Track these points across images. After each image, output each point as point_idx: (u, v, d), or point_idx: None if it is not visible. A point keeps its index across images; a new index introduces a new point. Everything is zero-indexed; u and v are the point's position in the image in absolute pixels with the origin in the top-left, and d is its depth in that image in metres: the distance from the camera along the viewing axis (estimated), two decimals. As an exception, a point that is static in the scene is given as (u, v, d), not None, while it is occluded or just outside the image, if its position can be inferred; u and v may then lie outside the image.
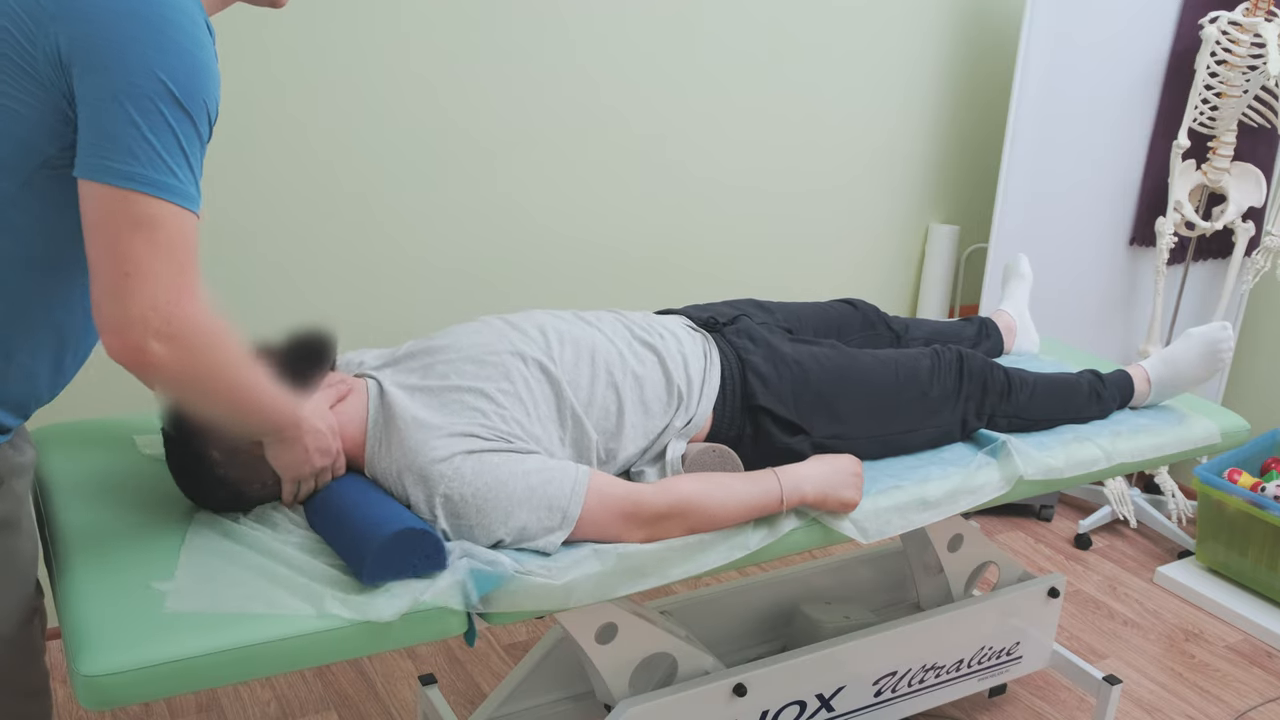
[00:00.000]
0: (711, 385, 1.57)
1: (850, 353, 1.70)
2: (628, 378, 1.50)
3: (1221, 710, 2.24)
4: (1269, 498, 2.53)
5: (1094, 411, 1.88)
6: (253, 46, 2.10)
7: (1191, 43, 2.74)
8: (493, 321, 1.54)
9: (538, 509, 1.31)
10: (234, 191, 2.16)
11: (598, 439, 1.46)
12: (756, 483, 1.44)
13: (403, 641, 1.20)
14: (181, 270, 0.99)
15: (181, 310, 1.00)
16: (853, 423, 1.63)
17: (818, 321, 1.89)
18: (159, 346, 1.00)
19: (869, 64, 2.87)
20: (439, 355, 1.45)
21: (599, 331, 1.55)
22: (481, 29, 2.32)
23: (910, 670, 1.87)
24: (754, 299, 1.87)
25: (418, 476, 1.32)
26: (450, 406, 1.37)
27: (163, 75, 0.97)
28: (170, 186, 0.99)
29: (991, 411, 1.76)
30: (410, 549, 1.22)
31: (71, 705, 2.04)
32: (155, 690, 1.08)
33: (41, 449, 1.49)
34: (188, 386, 1.07)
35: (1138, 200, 2.90)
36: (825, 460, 1.52)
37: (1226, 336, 1.91)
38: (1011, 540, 2.91)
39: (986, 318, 2.16)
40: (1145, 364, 1.97)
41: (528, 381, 1.43)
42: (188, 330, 1.01)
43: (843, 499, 1.49)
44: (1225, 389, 3.08)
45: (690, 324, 1.68)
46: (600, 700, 1.66)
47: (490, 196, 2.44)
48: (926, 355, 1.74)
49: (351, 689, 2.14)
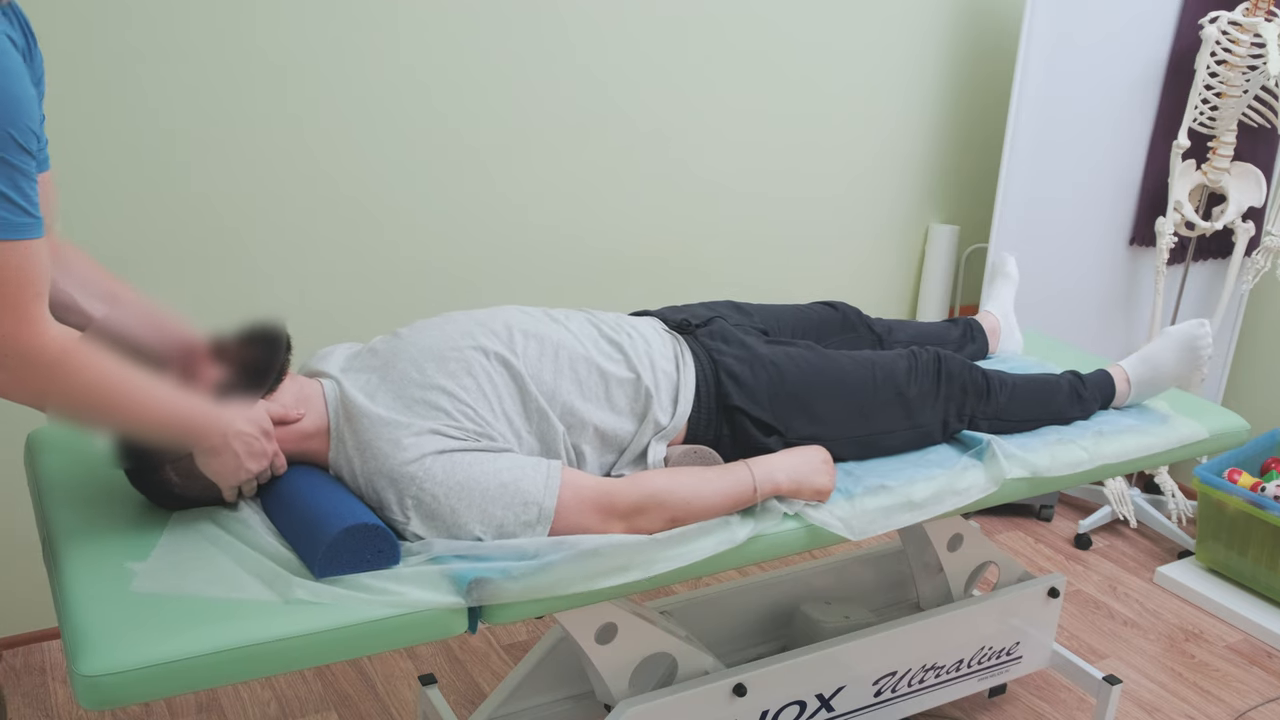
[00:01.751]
0: (687, 387, 1.57)
1: (827, 354, 1.70)
2: (593, 374, 1.50)
3: (1221, 710, 2.24)
4: (1269, 498, 2.53)
5: (1075, 412, 1.88)
6: (248, 45, 2.10)
7: (1191, 43, 2.74)
8: (457, 317, 1.53)
9: (512, 505, 1.31)
10: (229, 190, 2.16)
11: (565, 431, 1.46)
12: (729, 472, 1.46)
13: (403, 641, 1.20)
14: (14, 304, 1.04)
15: (18, 341, 1.05)
16: (829, 423, 1.63)
17: (796, 323, 1.89)
18: (2, 375, 1.06)
19: (869, 64, 2.87)
20: (401, 353, 1.45)
21: (565, 329, 1.55)
22: (481, 29, 2.32)
23: (910, 670, 1.87)
24: (731, 301, 1.87)
25: (388, 479, 1.32)
26: (414, 406, 1.37)
27: None
28: None
29: (972, 413, 1.77)
30: (362, 544, 1.23)
31: (71, 705, 2.04)
32: (155, 690, 1.08)
33: (40, 450, 1.49)
34: (50, 405, 1.12)
35: (1138, 200, 2.90)
36: (795, 450, 1.54)
37: (1205, 334, 1.91)
38: (1011, 540, 2.91)
39: (971, 319, 2.16)
40: (1124, 363, 1.97)
41: (490, 376, 1.43)
42: (27, 356, 1.06)
43: (816, 486, 1.50)
44: (1225, 389, 3.08)
45: (663, 326, 1.68)
46: (600, 700, 1.66)
47: (487, 197, 2.44)
48: (904, 356, 1.75)
49: (351, 689, 2.14)
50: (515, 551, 1.29)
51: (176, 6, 2.01)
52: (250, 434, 1.31)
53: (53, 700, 2.06)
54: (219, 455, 1.29)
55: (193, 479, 1.32)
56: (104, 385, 1.12)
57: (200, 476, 1.31)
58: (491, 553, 1.29)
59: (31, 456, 1.49)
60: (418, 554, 1.29)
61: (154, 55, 2.02)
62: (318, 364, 1.51)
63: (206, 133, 2.11)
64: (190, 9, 2.02)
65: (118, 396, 1.14)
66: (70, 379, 1.09)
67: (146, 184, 2.08)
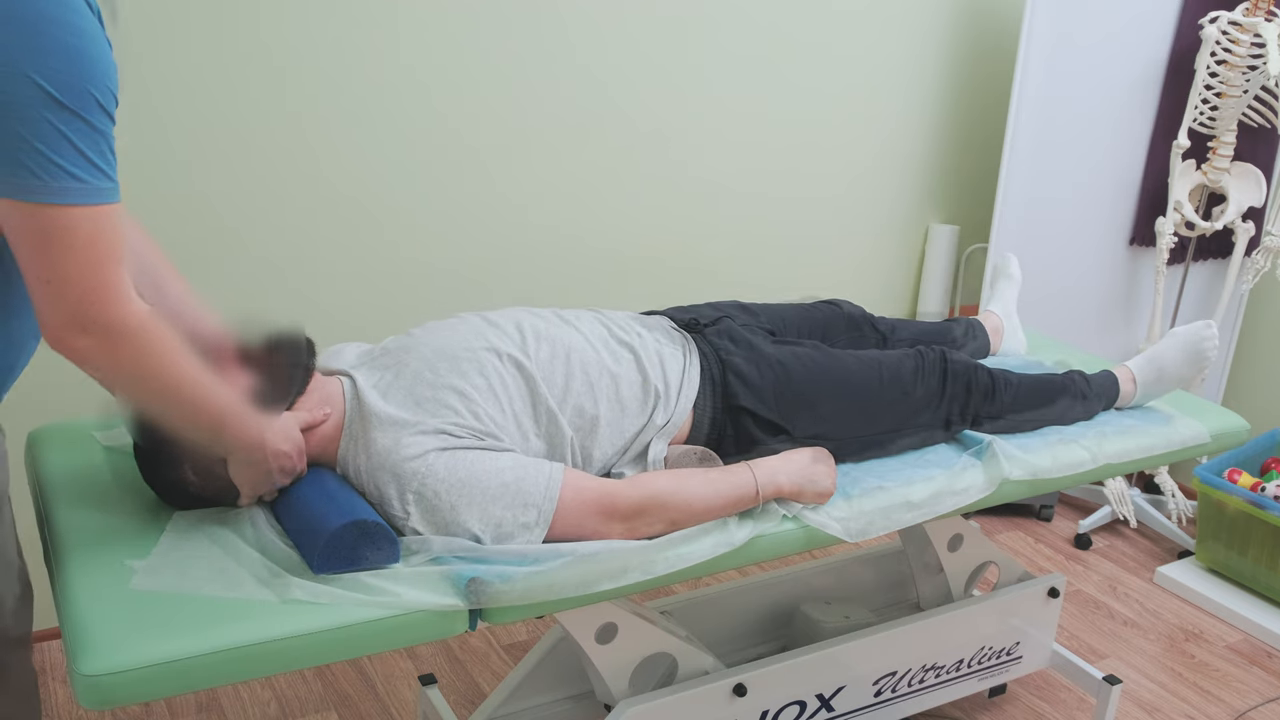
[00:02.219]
0: (691, 385, 1.57)
1: (833, 353, 1.70)
2: (604, 376, 1.51)
3: (1221, 710, 2.24)
4: (1269, 498, 2.53)
5: (1079, 413, 1.87)
6: (248, 45, 2.10)
7: (1191, 43, 2.74)
8: (469, 318, 1.54)
9: (512, 505, 1.31)
10: (229, 190, 2.16)
11: (573, 435, 1.47)
12: (731, 475, 1.45)
13: (402, 641, 1.20)
14: (98, 269, 1.01)
15: (104, 310, 1.02)
16: (835, 423, 1.63)
17: (801, 323, 1.89)
18: (86, 341, 1.03)
19: (869, 64, 2.87)
20: (414, 352, 1.45)
21: (576, 330, 1.55)
22: (481, 29, 2.32)
23: (910, 670, 1.87)
24: (738, 301, 1.87)
25: (391, 474, 1.33)
26: (424, 404, 1.38)
27: (38, 78, 0.95)
28: (70, 190, 0.98)
29: (975, 413, 1.76)
30: (361, 541, 1.23)
31: (71, 705, 2.04)
32: (155, 690, 1.08)
33: (40, 449, 1.50)
34: (121, 379, 1.09)
35: (1138, 200, 2.90)
36: (798, 452, 1.54)
37: (1211, 335, 1.90)
38: (1011, 540, 2.91)
39: (973, 319, 2.16)
40: (1130, 364, 1.97)
41: (502, 377, 1.43)
42: (114, 325, 1.03)
43: (819, 489, 1.49)
44: (1225, 389, 3.08)
45: (672, 324, 1.68)
46: (600, 700, 1.66)
47: (487, 197, 2.44)
48: (910, 356, 1.74)
49: (351, 689, 2.14)
50: (515, 557, 1.29)
51: (176, 6, 2.01)
52: (287, 453, 1.32)
53: (53, 700, 2.06)
54: (254, 467, 1.30)
55: (211, 479, 1.31)
56: (174, 369, 1.10)
57: (218, 478, 1.31)
58: (491, 555, 1.29)
59: (32, 456, 1.49)
60: (417, 553, 1.29)
61: (154, 55, 2.02)
62: (331, 361, 1.51)
63: (206, 132, 2.11)
64: (190, 9, 2.02)
65: (184, 382, 1.12)
66: (146, 353, 1.07)
67: (146, 184, 2.08)
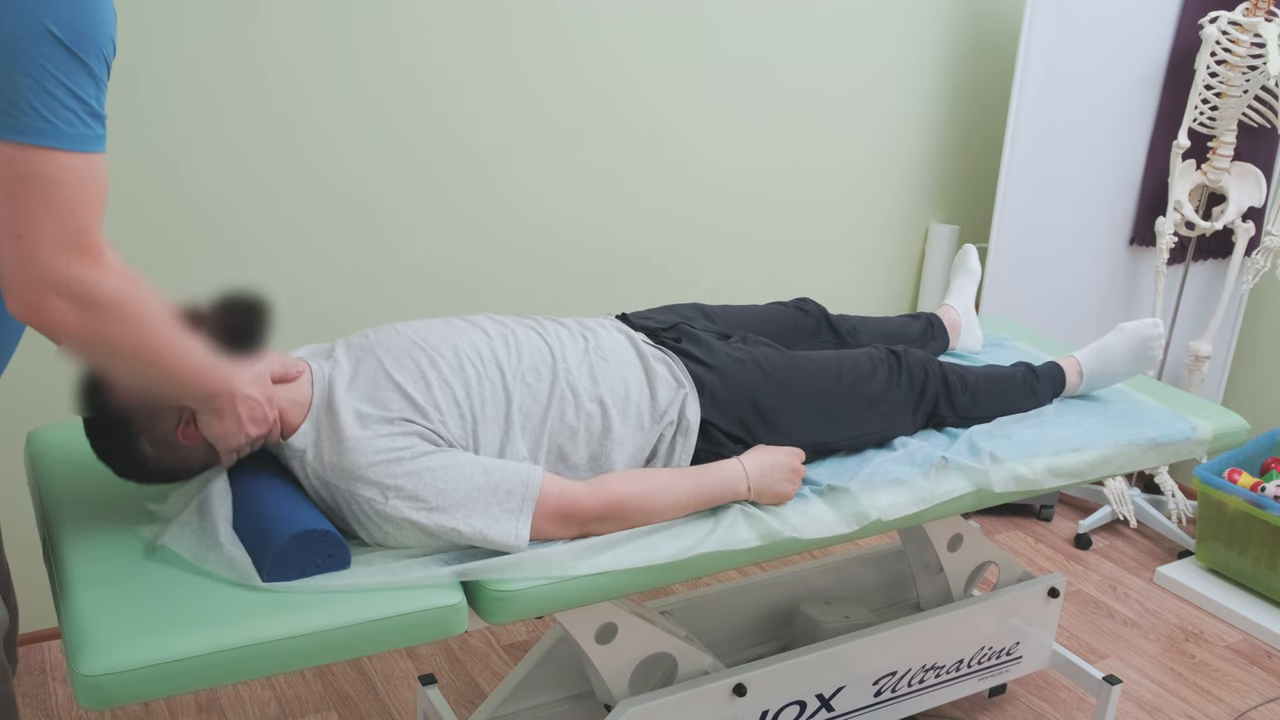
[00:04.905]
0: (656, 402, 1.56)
1: (791, 356, 1.70)
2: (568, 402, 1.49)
3: (1221, 710, 2.24)
4: (1269, 498, 2.53)
5: (1029, 403, 1.91)
6: (248, 44, 2.10)
7: (1191, 43, 2.74)
8: (449, 320, 1.54)
9: (488, 504, 1.31)
10: (227, 190, 2.16)
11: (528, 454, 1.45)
12: (691, 477, 1.46)
13: (402, 641, 1.20)
14: (80, 228, 0.95)
15: (83, 271, 0.96)
16: (794, 430, 1.63)
17: (760, 327, 1.88)
18: (63, 306, 0.96)
19: (870, 65, 2.87)
20: (387, 349, 1.44)
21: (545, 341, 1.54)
22: (481, 29, 2.32)
23: (910, 670, 1.87)
24: (698, 304, 1.86)
25: (364, 480, 1.30)
26: (392, 405, 1.36)
27: (48, 22, 0.92)
28: (61, 133, 0.94)
29: (932, 408, 1.77)
30: (312, 550, 1.22)
31: (71, 705, 2.04)
32: (155, 690, 1.08)
33: (39, 449, 1.49)
34: (97, 349, 1.03)
35: (1138, 200, 2.90)
36: (765, 453, 1.53)
37: (1158, 335, 1.95)
38: (1011, 540, 2.91)
39: (933, 314, 2.17)
40: (1078, 354, 2.00)
41: (478, 379, 1.43)
42: (91, 291, 0.97)
43: (777, 492, 1.50)
44: (1225, 389, 3.08)
45: (646, 340, 1.65)
46: (600, 700, 1.66)
47: (487, 197, 2.44)
48: (865, 356, 1.75)
49: (351, 689, 2.14)
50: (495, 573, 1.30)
51: (176, 6, 2.01)
52: (254, 398, 1.29)
53: (53, 700, 2.06)
54: (222, 417, 1.27)
55: (168, 450, 1.30)
56: (153, 333, 1.05)
57: (175, 448, 1.29)
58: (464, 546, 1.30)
59: (32, 456, 1.49)
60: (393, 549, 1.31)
61: (153, 55, 2.02)
62: (302, 353, 1.50)
63: (204, 132, 2.11)
64: (190, 9, 2.02)
65: (157, 341, 1.07)
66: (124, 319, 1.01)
67: (143, 183, 2.08)
